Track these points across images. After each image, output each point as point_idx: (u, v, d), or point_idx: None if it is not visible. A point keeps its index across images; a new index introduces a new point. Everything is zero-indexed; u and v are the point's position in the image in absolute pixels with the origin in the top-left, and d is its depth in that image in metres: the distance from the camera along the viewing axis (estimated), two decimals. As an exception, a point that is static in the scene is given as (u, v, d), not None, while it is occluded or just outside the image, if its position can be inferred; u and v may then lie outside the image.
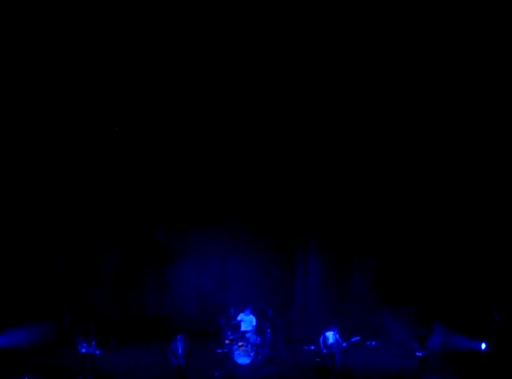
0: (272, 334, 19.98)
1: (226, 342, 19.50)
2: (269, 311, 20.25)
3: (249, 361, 19.21)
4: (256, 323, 19.85)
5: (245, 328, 19.74)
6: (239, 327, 19.79)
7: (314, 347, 19.15)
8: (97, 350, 18.01)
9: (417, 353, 18.41)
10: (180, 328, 18.66)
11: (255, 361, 19.26)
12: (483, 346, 19.36)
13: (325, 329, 18.84)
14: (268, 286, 22.05)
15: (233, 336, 19.50)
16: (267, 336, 19.86)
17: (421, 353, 18.39)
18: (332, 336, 18.71)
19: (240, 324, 19.85)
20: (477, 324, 19.76)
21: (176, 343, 17.65)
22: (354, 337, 18.65)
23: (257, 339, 19.54)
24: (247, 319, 19.91)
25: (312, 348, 19.30)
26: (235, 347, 19.25)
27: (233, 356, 19.24)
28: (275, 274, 20.37)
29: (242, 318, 19.91)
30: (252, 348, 19.31)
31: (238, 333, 19.59)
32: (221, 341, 19.75)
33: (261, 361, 19.32)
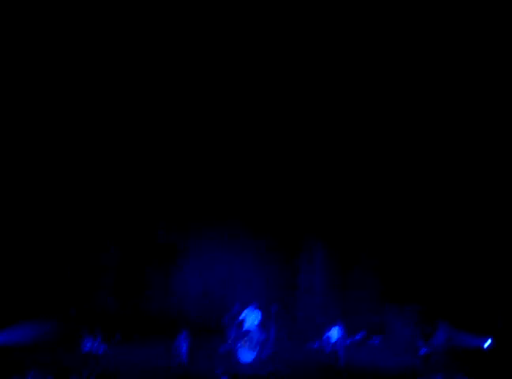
0: (276, 331, 20.02)
1: (230, 339, 19.57)
2: (273, 308, 20.27)
3: (253, 358, 19.28)
4: (260, 320, 19.90)
5: (249, 325, 19.80)
6: (243, 324, 19.86)
7: (318, 345, 19.19)
8: (101, 347, 18.08)
9: (421, 350, 18.45)
10: (184, 325, 18.74)
11: (259, 358, 19.32)
12: (487, 343, 19.37)
13: (329, 326, 18.92)
14: (272, 283, 22.09)
15: (237, 333, 19.57)
16: (271, 333, 19.90)
17: (425, 350, 18.42)
18: (336, 333, 18.78)
19: (244, 321, 19.93)
20: (481, 321, 19.76)
21: (180, 341, 17.69)
22: (358, 334, 18.71)
23: (261, 336, 19.59)
24: (251, 316, 19.96)
25: (316, 345, 19.32)
26: (239, 344, 19.31)
27: (237, 353, 19.31)
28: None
29: (246, 315, 19.97)
30: (256, 345, 19.37)
31: (242, 330, 19.66)
32: (225, 338, 19.83)
33: (265, 358, 19.38)
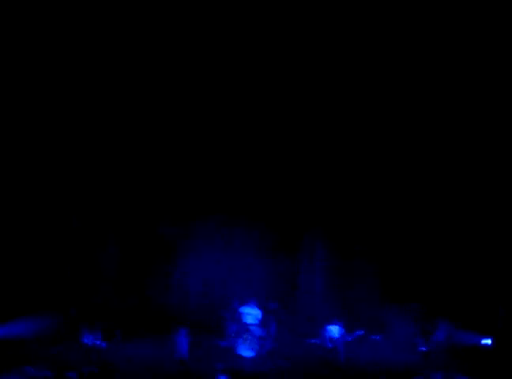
0: (276, 327, 20.03)
1: (230, 335, 19.59)
2: (274, 304, 20.27)
3: (253, 354, 19.29)
4: (260, 316, 19.91)
5: (249, 321, 19.81)
6: (244, 320, 19.87)
7: (319, 341, 19.19)
8: (103, 342, 18.11)
9: (421, 348, 18.45)
10: (184, 321, 18.76)
11: (259, 354, 19.33)
12: (487, 342, 19.35)
13: (329, 324, 18.92)
14: (273, 279, 22.08)
15: (237, 329, 19.58)
16: (271, 330, 19.91)
17: (425, 348, 18.43)
18: (336, 331, 18.79)
19: (245, 317, 19.94)
20: (482, 320, 19.75)
21: (179, 337, 17.70)
22: (358, 331, 18.71)
23: (261, 332, 19.60)
24: (252, 312, 19.96)
25: (316, 342, 19.33)
26: (239, 341, 19.32)
27: (237, 349, 19.32)
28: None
29: (246, 311, 19.97)
30: (256, 341, 19.38)
31: (242, 326, 19.66)
32: (225, 334, 19.84)
33: (265, 354, 19.39)
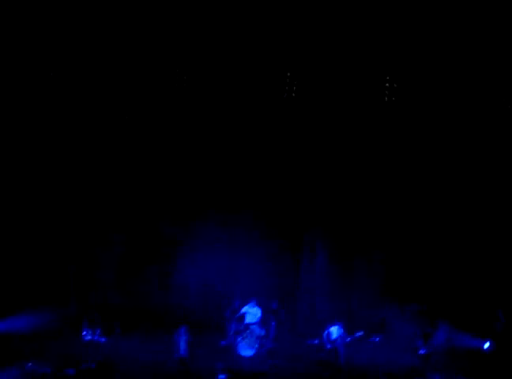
0: (276, 327, 20.04)
1: (230, 334, 19.59)
2: (274, 304, 20.29)
3: (253, 353, 19.30)
4: (260, 315, 19.92)
5: (249, 321, 19.81)
6: (244, 319, 19.88)
7: (318, 342, 19.20)
8: (102, 338, 18.12)
9: (421, 350, 18.46)
10: (184, 319, 18.76)
11: (259, 353, 19.34)
12: (486, 345, 19.36)
13: (329, 324, 18.93)
14: (273, 279, 22.09)
15: (237, 328, 19.59)
16: (271, 329, 19.92)
17: (425, 350, 18.44)
18: (336, 331, 18.78)
19: (245, 316, 19.95)
20: (481, 322, 19.76)
21: (179, 335, 17.69)
22: (358, 332, 18.72)
23: (261, 331, 19.61)
24: (252, 311, 19.96)
25: (316, 342, 19.33)
26: (239, 339, 19.33)
27: (237, 348, 19.33)
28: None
29: (246, 310, 19.97)
30: (256, 340, 19.39)
31: (242, 325, 19.68)
32: (225, 333, 19.84)
33: (265, 353, 19.40)
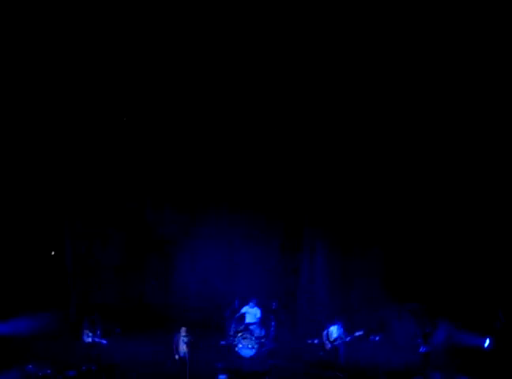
0: (276, 327, 20.04)
1: (230, 334, 19.60)
2: (274, 304, 20.30)
3: (253, 353, 19.30)
4: (260, 315, 19.93)
5: (249, 321, 19.83)
6: (244, 319, 19.89)
7: (318, 341, 19.20)
8: (102, 339, 18.13)
9: (421, 349, 18.45)
10: (184, 320, 18.75)
11: (259, 353, 19.34)
12: (486, 343, 19.34)
13: (329, 323, 18.93)
14: (273, 279, 22.09)
15: (237, 328, 19.59)
16: (271, 329, 19.92)
17: (424, 349, 18.43)
18: (336, 331, 18.79)
19: (244, 316, 19.96)
20: (481, 321, 19.75)
21: (179, 336, 17.68)
22: (358, 332, 18.71)
23: (261, 331, 19.61)
24: (252, 311, 19.99)
25: (316, 342, 19.33)
26: (239, 339, 19.34)
27: (237, 348, 19.33)
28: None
29: (246, 310, 20.00)
30: (256, 340, 19.39)
31: (242, 325, 19.68)
32: (225, 333, 19.85)
33: (264, 353, 19.40)
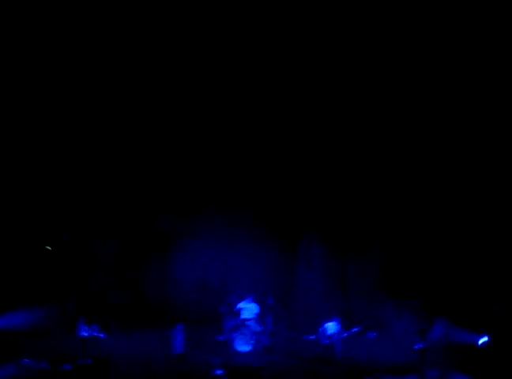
0: (273, 323, 20.04)
1: (226, 330, 19.60)
2: (271, 300, 20.30)
3: (249, 349, 19.31)
4: (257, 311, 19.92)
5: (246, 316, 19.81)
6: (240, 315, 19.87)
7: (315, 337, 19.22)
8: (99, 334, 18.14)
9: (417, 346, 18.47)
10: (181, 315, 18.76)
11: (256, 349, 19.34)
12: (483, 340, 19.37)
13: (326, 320, 18.93)
14: (270, 275, 22.07)
15: (234, 324, 19.60)
16: (268, 325, 19.91)
17: (421, 346, 18.45)
18: (332, 327, 18.79)
19: (241, 311, 19.94)
20: (478, 318, 19.77)
21: (176, 330, 17.68)
22: (354, 328, 18.73)
23: (258, 327, 19.61)
24: (248, 307, 19.97)
25: (313, 338, 19.34)
26: (236, 335, 19.34)
27: (234, 344, 19.34)
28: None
29: (243, 306, 19.98)
30: (253, 336, 19.40)
31: (239, 321, 19.68)
32: (222, 329, 19.85)
33: (261, 349, 19.40)
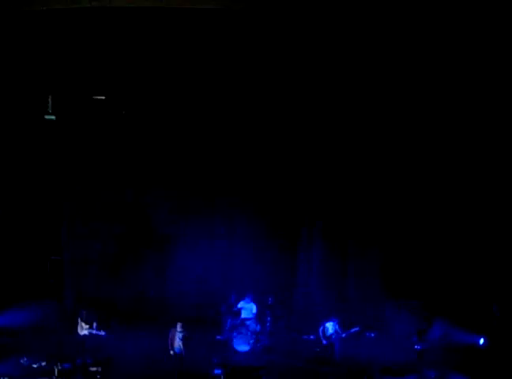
0: (272, 322, 20.05)
1: (225, 329, 19.58)
2: (270, 299, 20.29)
3: (248, 348, 19.31)
4: (256, 311, 19.91)
5: (245, 316, 19.81)
6: (240, 314, 19.87)
7: (314, 337, 19.20)
8: (97, 332, 18.12)
9: (416, 346, 18.48)
10: (180, 314, 18.73)
11: (255, 348, 19.35)
12: (481, 340, 19.39)
13: (325, 319, 18.92)
14: (269, 274, 22.04)
15: (233, 323, 19.58)
16: (267, 324, 19.93)
17: (420, 346, 18.45)
18: (332, 327, 18.78)
19: (240, 311, 19.93)
20: (477, 318, 19.79)
21: (175, 330, 17.64)
22: (353, 328, 18.73)
23: (257, 326, 19.61)
24: (248, 306, 19.96)
25: (312, 338, 19.33)
26: (235, 335, 19.32)
27: (233, 343, 19.33)
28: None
29: (242, 306, 19.97)
30: (252, 336, 19.40)
31: (238, 320, 19.67)
32: (221, 328, 19.83)
33: (260, 349, 19.40)
